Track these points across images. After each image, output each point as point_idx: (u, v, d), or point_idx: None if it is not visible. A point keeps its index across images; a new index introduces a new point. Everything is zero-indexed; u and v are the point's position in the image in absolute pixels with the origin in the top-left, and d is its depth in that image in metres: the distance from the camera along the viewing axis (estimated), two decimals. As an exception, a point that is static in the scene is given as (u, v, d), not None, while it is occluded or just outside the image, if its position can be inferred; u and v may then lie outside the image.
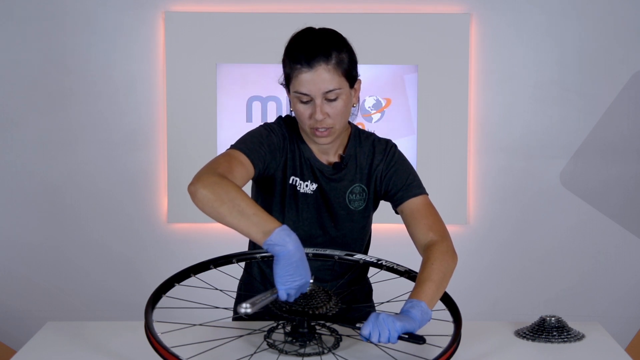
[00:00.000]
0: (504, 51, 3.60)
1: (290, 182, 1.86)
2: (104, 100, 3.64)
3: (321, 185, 1.87)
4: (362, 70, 3.64)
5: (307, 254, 1.81)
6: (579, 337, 1.78)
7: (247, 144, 1.77)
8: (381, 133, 2.05)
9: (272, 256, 1.77)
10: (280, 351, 1.59)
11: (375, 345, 1.53)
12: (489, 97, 3.62)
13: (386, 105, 3.61)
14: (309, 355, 1.59)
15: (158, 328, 1.53)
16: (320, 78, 1.71)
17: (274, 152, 1.80)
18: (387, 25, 3.56)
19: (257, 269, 1.98)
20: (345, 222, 1.89)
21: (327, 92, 1.73)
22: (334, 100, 1.74)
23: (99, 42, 3.61)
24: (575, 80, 3.60)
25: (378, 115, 3.61)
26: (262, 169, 1.78)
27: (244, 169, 1.71)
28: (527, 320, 1.87)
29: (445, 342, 1.58)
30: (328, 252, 1.84)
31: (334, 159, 1.88)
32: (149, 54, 3.62)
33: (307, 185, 1.86)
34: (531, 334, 1.78)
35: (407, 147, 3.56)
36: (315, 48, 1.72)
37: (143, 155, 3.66)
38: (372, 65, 3.57)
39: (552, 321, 1.79)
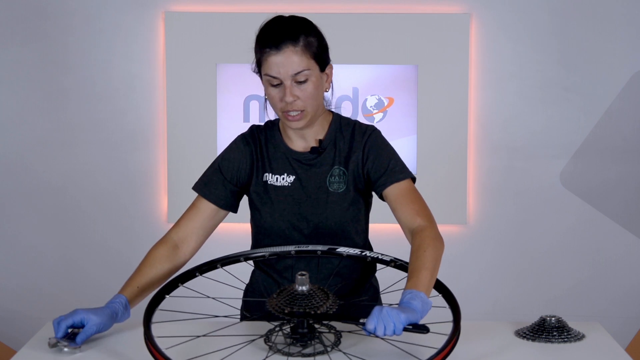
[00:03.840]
0: (504, 51, 3.60)
1: (263, 179, 1.90)
2: (104, 100, 3.64)
3: (299, 176, 1.89)
4: (363, 70, 3.65)
5: (289, 251, 1.82)
6: (579, 337, 1.78)
7: (203, 179, 1.93)
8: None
9: (275, 256, 1.82)
10: (288, 354, 1.58)
11: (382, 339, 1.53)
12: (489, 97, 3.62)
13: (389, 104, 3.61)
14: (320, 353, 1.59)
15: (161, 344, 1.53)
16: (288, 60, 1.76)
17: (231, 169, 1.91)
18: (387, 25, 3.56)
19: (260, 273, 1.98)
20: (325, 205, 1.88)
21: (295, 74, 1.77)
22: (304, 82, 1.78)
23: (99, 42, 3.61)
24: (576, 80, 3.60)
25: (380, 115, 3.61)
26: (229, 194, 1.90)
27: (196, 211, 1.91)
28: (527, 320, 1.86)
29: (445, 328, 1.59)
30: (310, 247, 1.83)
31: (313, 144, 1.90)
32: (149, 54, 3.62)
33: (283, 179, 1.89)
34: (531, 334, 1.78)
35: (407, 147, 3.56)
36: (283, 32, 1.78)
37: (143, 155, 3.66)
38: (372, 65, 3.57)
39: (552, 321, 1.79)
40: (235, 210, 1.94)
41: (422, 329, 1.52)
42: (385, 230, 3.21)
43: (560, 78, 3.60)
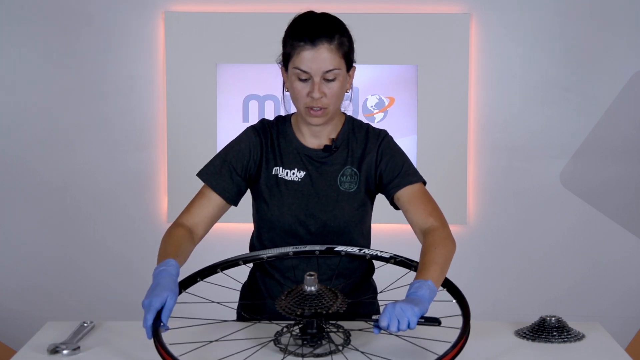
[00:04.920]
0: (504, 51, 3.60)
1: (273, 172, 1.89)
2: (104, 100, 3.64)
3: (309, 172, 1.89)
4: (363, 70, 3.64)
5: (287, 253, 1.81)
6: (579, 337, 1.78)
7: (210, 168, 1.90)
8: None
9: (276, 257, 1.81)
10: (302, 356, 1.59)
11: (395, 335, 1.53)
12: (489, 97, 3.62)
13: (389, 104, 3.61)
14: (333, 353, 1.59)
15: (175, 350, 1.52)
16: (321, 57, 1.77)
17: (241, 160, 1.89)
18: (387, 25, 3.56)
19: (260, 273, 1.98)
20: (335, 203, 1.89)
21: (326, 72, 1.78)
22: (332, 80, 1.80)
23: (99, 42, 3.61)
24: (575, 80, 3.60)
25: (381, 115, 3.61)
26: (236, 188, 1.88)
27: (205, 200, 1.86)
28: (527, 320, 1.87)
29: (450, 322, 1.60)
30: (308, 248, 1.83)
31: (326, 142, 1.91)
32: (149, 54, 3.62)
33: (293, 174, 1.89)
34: (531, 334, 1.78)
35: (407, 147, 3.56)
36: (320, 28, 1.79)
37: (143, 155, 3.66)
38: (372, 65, 3.57)
39: (552, 321, 1.79)
40: (236, 204, 1.92)
41: (434, 321, 1.53)
42: (385, 231, 3.21)
43: (560, 78, 3.60)
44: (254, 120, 3.61)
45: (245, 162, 1.89)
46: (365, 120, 2.06)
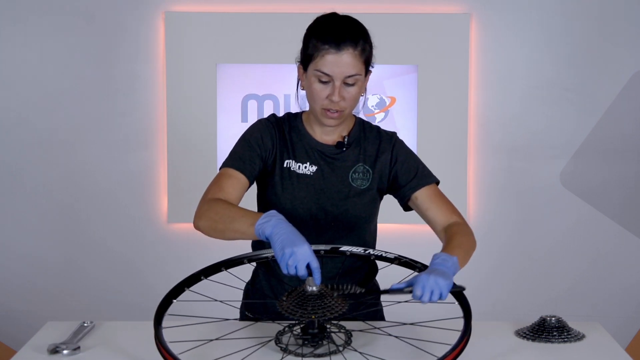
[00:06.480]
0: (504, 51, 3.60)
1: (285, 165, 1.90)
2: (104, 100, 3.64)
3: (321, 167, 1.90)
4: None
5: None
6: (579, 337, 1.78)
7: (233, 155, 1.87)
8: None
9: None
10: (302, 355, 1.59)
11: (395, 337, 1.52)
12: (489, 97, 3.62)
13: (390, 104, 3.61)
14: (333, 353, 1.59)
15: (174, 349, 1.52)
16: (344, 62, 1.78)
17: (262, 145, 1.89)
18: (387, 25, 3.56)
19: (263, 272, 1.98)
20: (346, 199, 1.90)
21: (348, 77, 1.79)
22: (352, 85, 1.81)
23: (99, 42, 3.61)
24: (575, 80, 3.60)
25: (382, 114, 3.61)
26: (258, 169, 1.87)
27: (235, 180, 1.82)
28: (527, 320, 1.87)
29: (452, 324, 1.62)
30: (313, 247, 1.82)
31: (338, 140, 1.94)
32: (149, 54, 3.62)
33: (306, 167, 1.90)
34: (531, 334, 1.78)
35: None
36: (346, 32, 1.81)
37: (143, 155, 3.66)
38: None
39: (552, 321, 1.79)
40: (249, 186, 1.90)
41: (460, 289, 1.58)
42: (389, 231, 3.21)
43: (560, 78, 3.60)
44: (252, 120, 3.60)
45: (264, 146, 1.89)
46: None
